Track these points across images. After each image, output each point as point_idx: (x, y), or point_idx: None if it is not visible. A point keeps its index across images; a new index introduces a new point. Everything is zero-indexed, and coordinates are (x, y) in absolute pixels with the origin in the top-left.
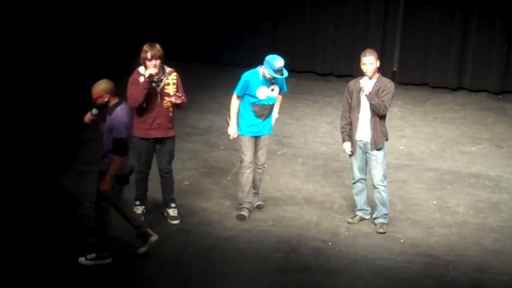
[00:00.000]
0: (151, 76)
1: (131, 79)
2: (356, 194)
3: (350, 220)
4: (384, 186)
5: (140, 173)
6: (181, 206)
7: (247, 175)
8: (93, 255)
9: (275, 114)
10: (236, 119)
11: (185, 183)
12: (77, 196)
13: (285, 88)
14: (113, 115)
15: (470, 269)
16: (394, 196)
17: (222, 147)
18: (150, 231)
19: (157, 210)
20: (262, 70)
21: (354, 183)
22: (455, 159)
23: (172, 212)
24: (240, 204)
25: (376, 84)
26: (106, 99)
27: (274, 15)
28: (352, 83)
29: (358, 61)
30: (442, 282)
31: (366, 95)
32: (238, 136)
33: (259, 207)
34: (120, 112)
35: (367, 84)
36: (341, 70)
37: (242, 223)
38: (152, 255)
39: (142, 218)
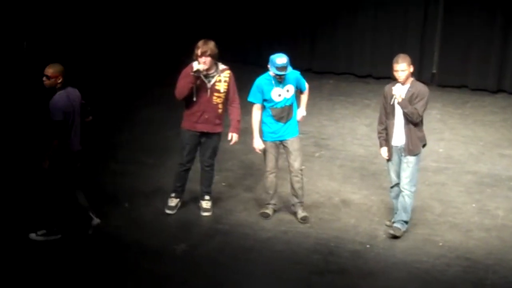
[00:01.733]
0: (198, 71)
1: (183, 72)
2: (394, 198)
3: (388, 223)
4: (410, 191)
5: (182, 165)
6: (218, 207)
7: (271, 179)
8: (43, 231)
9: (302, 111)
10: (258, 130)
11: (223, 184)
12: (114, 196)
13: (305, 87)
14: (51, 100)
15: (509, 273)
16: (433, 199)
17: None
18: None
19: (194, 209)
20: (271, 71)
21: (391, 187)
22: (494, 162)
23: (205, 204)
24: (266, 204)
25: (410, 89)
26: (59, 81)
27: (313, 18)
28: (387, 88)
29: None
30: (481, 286)
31: (399, 103)
32: (263, 142)
33: (303, 219)
34: (57, 97)
35: (399, 91)
36: (380, 72)
37: (280, 225)
38: (189, 256)
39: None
